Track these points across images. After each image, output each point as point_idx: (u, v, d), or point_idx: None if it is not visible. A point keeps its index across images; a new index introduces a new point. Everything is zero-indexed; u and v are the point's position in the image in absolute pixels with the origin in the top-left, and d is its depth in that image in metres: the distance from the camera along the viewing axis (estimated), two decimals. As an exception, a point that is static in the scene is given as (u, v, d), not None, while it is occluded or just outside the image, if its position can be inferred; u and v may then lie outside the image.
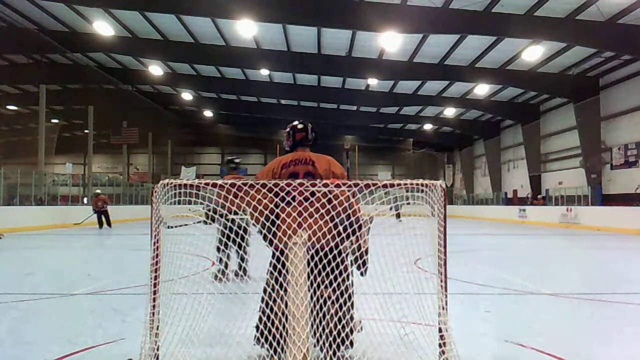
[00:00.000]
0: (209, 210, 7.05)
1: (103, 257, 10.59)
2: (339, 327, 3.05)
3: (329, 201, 3.11)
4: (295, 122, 3.67)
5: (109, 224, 18.96)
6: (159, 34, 21.45)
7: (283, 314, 2.90)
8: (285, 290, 2.88)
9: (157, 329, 2.87)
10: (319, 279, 2.98)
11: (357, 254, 3.31)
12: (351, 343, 3.15)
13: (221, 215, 6.49)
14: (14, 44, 20.79)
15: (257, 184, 3.00)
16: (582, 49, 19.27)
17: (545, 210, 25.28)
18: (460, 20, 16.82)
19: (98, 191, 20.18)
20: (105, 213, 18.86)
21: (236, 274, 5.70)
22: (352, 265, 3.39)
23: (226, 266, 6.21)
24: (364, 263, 3.35)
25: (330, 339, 2.99)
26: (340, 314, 3.08)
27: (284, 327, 2.84)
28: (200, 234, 3.23)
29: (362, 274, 3.39)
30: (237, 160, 7.65)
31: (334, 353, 2.96)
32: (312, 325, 2.95)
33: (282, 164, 3.47)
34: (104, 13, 19.21)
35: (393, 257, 3.41)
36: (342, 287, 3.20)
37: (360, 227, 3.23)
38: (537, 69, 22.09)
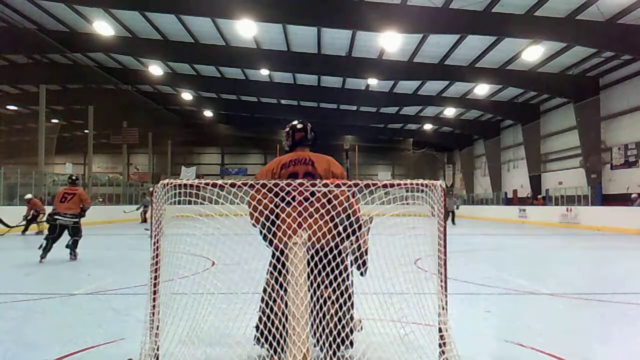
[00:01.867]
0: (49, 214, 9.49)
1: (103, 257, 10.59)
2: (339, 327, 3.04)
3: (329, 201, 3.10)
4: (295, 122, 3.67)
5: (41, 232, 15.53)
6: (159, 34, 21.45)
7: (283, 314, 2.90)
8: (285, 290, 2.88)
9: (157, 329, 2.87)
10: (319, 279, 2.98)
11: (357, 254, 3.31)
12: (351, 343, 3.15)
13: (51, 217, 9.44)
14: (14, 44, 20.77)
15: (257, 184, 3.00)
16: (582, 49, 19.27)
17: (545, 210, 25.28)
18: (460, 20, 16.82)
19: (29, 196, 17.04)
20: (35, 220, 16.14)
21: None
22: (352, 265, 3.39)
23: (45, 251, 8.91)
24: (364, 263, 3.35)
25: (330, 339, 2.99)
26: (340, 314, 3.08)
27: (284, 327, 2.84)
28: (201, 234, 3.22)
29: (362, 274, 3.39)
30: (74, 177, 10.01)
31: (334, 353, 2.95)
32: (312, 325, 2.95)
33: (282, 164, 3.46)
34: (104, 13, 19.20)
35: (393, 257, 3.41)
36: (342, 287, 3.20)
37: (360, 227, 3.23)
38: (537, 69, 22.09)
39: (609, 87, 22.74)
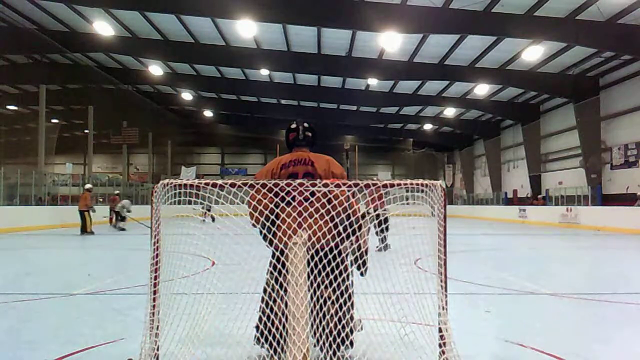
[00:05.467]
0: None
1: (103, 257, 10.60)
2: (339, 327, 3.04)
3: (329, 201, 3.10)
4: (293, 123, 3.66)
5: None
6: (159, 34, 21.44)
7: (283, 314, 2.90)
8: (286, 290, 2.87)
9: (157, 329, 2.87)
10: (319, 279, 2.98)
11: (357, 254, 3.31)
12: (351, 343, 3.15)
13: None
14: (14, 44, 20.79)
15: (257, 183, 3.00)
16: (582, 49, 19.26)
17: (545, 210, 25.28)
18: (460, 20, 16.81)
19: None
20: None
21: None
22: (352, 265, 3.39)
23: None
24: (364, 263, 3.35)
25: (330, 339, 2.99)
26: (340, 314, 3.08)
27: (284, 327, 2.84)
28: (201, 234, 3.22)
29: (362, 274, 3.39)
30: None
31: (334, 353, 2.95)
32: (312, 325, 2.95)
33: (282, 165, 3.46)
34: (104, 13, 19.20)
35: (393, 257, 3.41)
36: (342, 287, 3.20)
37: (360, 227, 3.23)
38: (537, 69, 22.09)
39: (609, 87, 22.73)
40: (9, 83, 28.26)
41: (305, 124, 3.62)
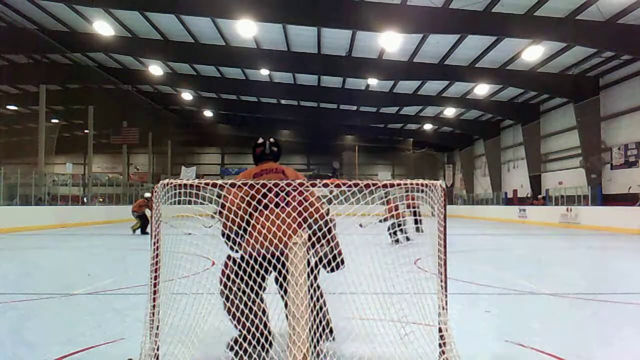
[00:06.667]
0: None
1: (103, 257, 10.60)
2: (324, 323, 3.08)
3: (300, 204, 3.14)
4: (259, 139, 3.76)
5: None
6: (159, 34, 21.45)
7: (265, 326, 2.95)
8: (286, 291, 2.88)
9: (157, 329, 2.87)
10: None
11: (330, 256, 3.30)
12: (330, 331, 3.26)
13: None
14: (14, 44, 20.79)
15: (245, 184, 3.05)
16: (582, 49, 19.27)
17: (545, 210, 25.27)
18: (460, 20, 16.82)
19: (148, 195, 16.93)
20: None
21: None
22: (325, 267, 3.37)
23: None
24: (337, 266, 3.33)
25: (317, 335, 3.01)
26: (325, 309, 3.17)
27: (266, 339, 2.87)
28: (201, 234, 3.23)
29: (332, 269, 3.33)
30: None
31: (315, 347, 2.98)
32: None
33: (254, 174, 3.54)
34: (104, 13, 19.21)
35: (393, 257, 3.42)
36: (315, 284, 3.22)
37: (330, 231, 3.21)
38: (537, 69, 22.09)
39: (609, 87, 22.74)
40: (9, 83, 28.23)
41: (272, 140, 3.78)
